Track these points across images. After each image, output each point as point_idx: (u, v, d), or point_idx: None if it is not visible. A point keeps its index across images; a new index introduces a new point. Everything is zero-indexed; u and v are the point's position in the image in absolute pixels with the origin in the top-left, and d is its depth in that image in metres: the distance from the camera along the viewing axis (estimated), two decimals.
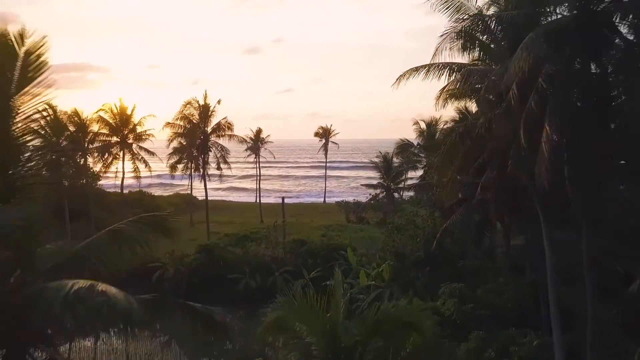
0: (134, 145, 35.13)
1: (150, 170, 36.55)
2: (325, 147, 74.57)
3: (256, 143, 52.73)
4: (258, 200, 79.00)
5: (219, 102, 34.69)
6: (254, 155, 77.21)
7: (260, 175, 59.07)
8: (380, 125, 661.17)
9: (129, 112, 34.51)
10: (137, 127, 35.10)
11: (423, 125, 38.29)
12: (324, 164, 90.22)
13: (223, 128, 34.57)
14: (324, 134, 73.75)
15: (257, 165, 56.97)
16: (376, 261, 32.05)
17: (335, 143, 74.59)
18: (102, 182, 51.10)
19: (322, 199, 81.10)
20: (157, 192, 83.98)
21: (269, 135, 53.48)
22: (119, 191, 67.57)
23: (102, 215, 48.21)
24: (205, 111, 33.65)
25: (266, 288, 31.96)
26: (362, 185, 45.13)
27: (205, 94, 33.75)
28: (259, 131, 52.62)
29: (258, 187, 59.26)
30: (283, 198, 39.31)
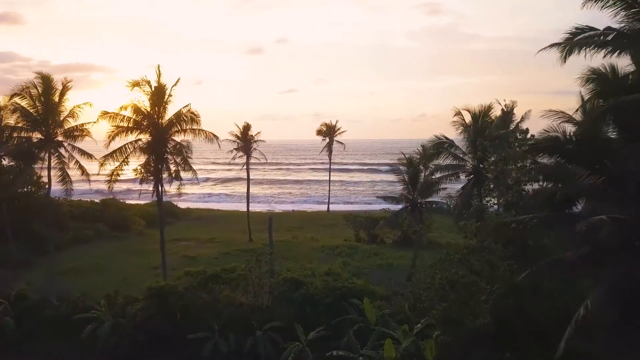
0: (66, 145, 25.09)
1: (88, 178, 26.46)
2: (329, 147, 63.96)
3: (245, 142, 42.39)
4: (248, 212, 68.88)
5: (177, 82, 24.41)
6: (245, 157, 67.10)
7: (249, 179, 48.42)
8: (382, 125, 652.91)
9: (57, 97, 24.37)
10: (69, 119, 24.99)
11: (468, 118, 27.92)
12: (328, 167, 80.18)
13: (184, 120, 24.28)
14: (328, 132, 63.17)
15: (247, 168, 46.26)
16: (404, 312, 21.87)
17: (341, 143, 64.12)
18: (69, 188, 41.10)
19: (325, 206, 70.73)
20: (134, 199, 74.17)
21: (259, 133, 43.23)
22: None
23: (51, 232, 37.99)
24: (159, 95, 23.35)
25: (243, 354, 21.81)
26: (378, 197, 34.73)
27: (159, 71, 23.56)
28: (246, 127, 42.24)
29: (247, 194, 48.53)
30: (271, 218, 28.57)
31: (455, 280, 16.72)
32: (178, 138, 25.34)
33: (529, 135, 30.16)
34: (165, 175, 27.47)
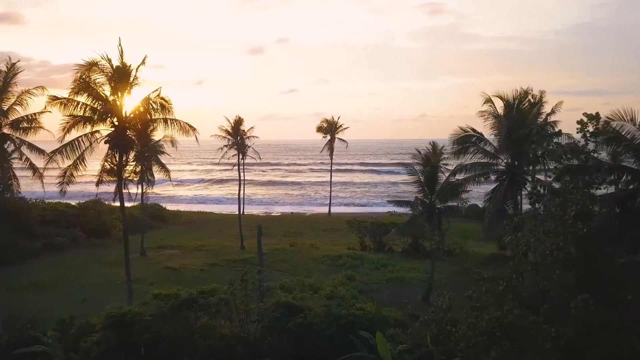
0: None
1: (41, 179, 22.02)
2: (330, 145, 59.23)
3: (236, 137, 37.71)
4: (245, 214, 64.23)
5: (143, 61, 19.61)
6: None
7: (240, 179, 43.66)
8: (383, 126, 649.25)
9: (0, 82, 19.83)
10: (17, 107, 20.46)
11: (499, 107, 23.05)
12: (328, 167, 75.58)
13: (151, 108, 19.53)
14: (329, 128, 58.43)
15: (238, 167, 41.53)
16: (426, 345, 17.32)
17: (343, 140, 59.44)
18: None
19: (326, 208, 66.14)
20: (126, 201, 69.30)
21: (252, 128, 38.44)
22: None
23: (12, 238, 33.61)
24: (121, 77, 18.61)
25: None
26: (389, 201, 30.08)
27: (121, 48, 18.67)
28: (238, 121, 37.54)
29: (239, 196, 43.78)
30: (260, 228, 23.67)
31: (508, 323, 12.06)
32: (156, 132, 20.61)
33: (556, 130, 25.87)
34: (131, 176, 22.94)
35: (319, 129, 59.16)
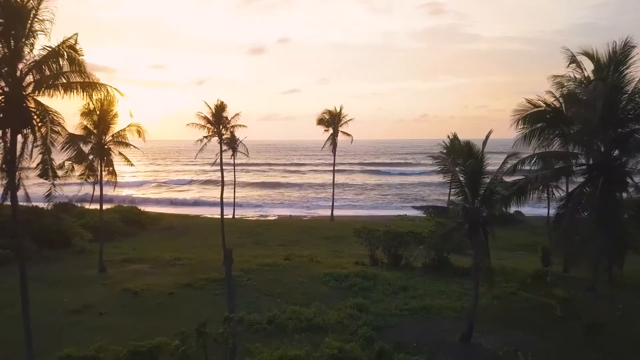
0: None
1: None
2: (333, 140, 51.96)
3: (218, 126, 30.39)
4: (236, 219, 57.11)
5: None
6: (230, 152, 55.59)
7: (223, 177, 35.96)
8: (385, 126, 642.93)
9: None
10: None
11: (588, 69, 15.90)
12: (329, 165, 68.47)
13: (57, 63, 12.43)
14: (332, 121, 51.22)
15: (220, 162, 34.01)
16: None
17: (348, 134, 52.26)
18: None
19: (328, 211, 59.11)
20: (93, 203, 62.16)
21: (237, 114, 30.75)
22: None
23: None
24: (10, 13, 11.57)
25: None
26: (415, 207, 22.98)
27: None
28: (220, 107, 30.06)
29: (222, 199, 36.27)
30: (230, 253, 15.96)
31: None
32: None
33: None
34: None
35: (320, 122, 52.01)
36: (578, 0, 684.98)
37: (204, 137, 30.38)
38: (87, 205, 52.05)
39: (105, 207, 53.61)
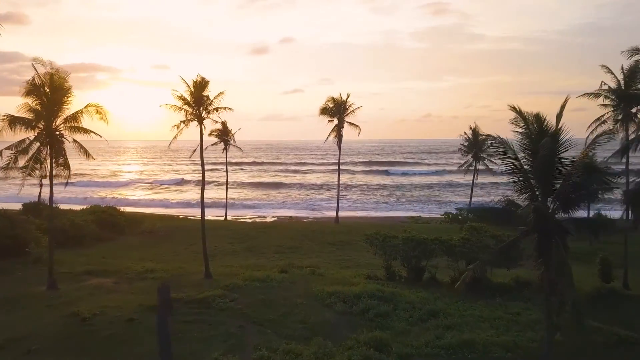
0: None
1: None
2: (338, 132, 45.98)
3: (198, 108, 24.19)
4: (230, 221, 51.33)
5: None
6: (223, 149, 49.98)
7: (204, 170, 28.74)
8: (388, 126, 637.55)
9: None
10: None
11: None
12: (331, 164, 62.61)
13: None
14: (337, 109, 45.29)
15: (201, 151, 27.00)
16: None
17: (355, 125, 46.23)
18: None
19: (332, 213, 53.33)
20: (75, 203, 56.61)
21: (222, 93, 24.42)
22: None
23: None
24: None
25: None
26: (458, 209, 17.70)
27: None
28: (201, 83, 23.72)
29: (202, 198, 29.23)
30: (165, 293, 9.94)
31: None
32: None
33: None
34: None
35: (323, 111, 46.05)
36: (582, 0, 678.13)
37: (181, 121, 24.57)
38: (62, 206, 46.48)
39: (78, 207, 48.08)
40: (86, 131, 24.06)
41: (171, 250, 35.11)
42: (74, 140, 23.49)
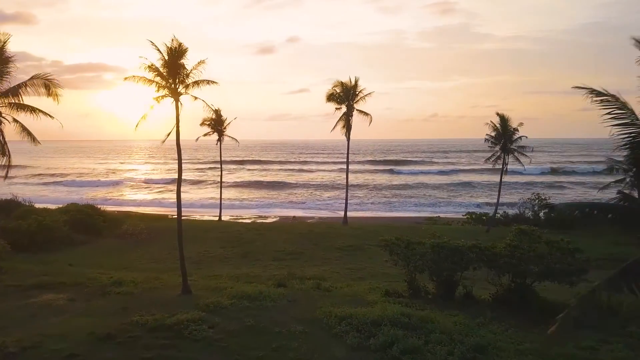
0: None
1: None
2: (347, 121, 40.83)
3: (173, 80, 19.23)
4: (225, 221, 46.37)
5: None
6: (217, 140, 45.30)
7: (180, 156, 23.10)
8: (394, 126, 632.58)
9: None
10: None
11: None
12: (339, 161, 57.56)
13: None
14: (345, 96, 40.19)
15: (177, 132, 21.47)
16: None
17: (366, 113, 41.05)
18: None
19: (340, 214, 48.40)
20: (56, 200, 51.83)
21: (202, 62, 19.65)
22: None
23: None
24: None
25: None
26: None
27: None
28: (178, 51, 18.55)
29: (179, 192, 23.64)
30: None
31: None
32: None
33: None
34: None
35: (330, 98, 41.02)
36: (588, 1, 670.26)
37: (154, 98, 19.64)
38: (37, 205, 41.73)
39: (54, 206, 43.19)
40: (33, 110, 19.16)
41: (150, 256, 30.23)
42: (15, 120, 18.59)
